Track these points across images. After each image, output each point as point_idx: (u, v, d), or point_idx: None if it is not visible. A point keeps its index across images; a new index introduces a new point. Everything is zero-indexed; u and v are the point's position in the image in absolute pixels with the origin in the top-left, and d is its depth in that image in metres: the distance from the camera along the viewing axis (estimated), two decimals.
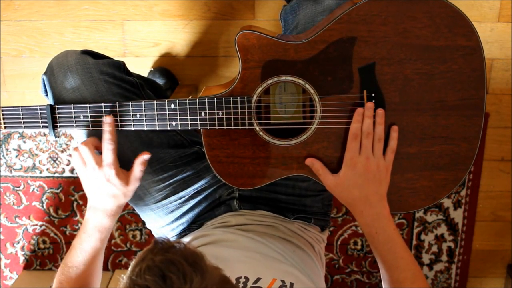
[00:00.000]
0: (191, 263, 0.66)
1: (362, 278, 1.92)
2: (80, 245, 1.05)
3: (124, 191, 1.04)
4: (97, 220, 1.05)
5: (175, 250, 0.68)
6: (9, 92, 1.77)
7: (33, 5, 1.68)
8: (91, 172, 1.03)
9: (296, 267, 1.06)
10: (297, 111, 1.09)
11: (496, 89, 1.74)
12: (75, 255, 1.05)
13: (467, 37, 0.99)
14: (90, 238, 1.05)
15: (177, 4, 1.67)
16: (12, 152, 1.80)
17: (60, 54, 1.11)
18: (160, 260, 0.66)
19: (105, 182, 1.03)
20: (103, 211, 1.05)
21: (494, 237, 1.88)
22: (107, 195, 1.04)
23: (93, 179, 1.03)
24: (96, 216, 1.05)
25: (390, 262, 1.02)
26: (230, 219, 1.17)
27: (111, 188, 1.03)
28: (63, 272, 1.05)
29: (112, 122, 1.02)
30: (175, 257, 0.66)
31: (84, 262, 1.05)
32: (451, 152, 1.04)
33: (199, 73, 1.74)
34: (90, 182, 1.04)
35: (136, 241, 1.87)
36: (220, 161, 1.07)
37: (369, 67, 1.00)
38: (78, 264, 1.04)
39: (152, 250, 0.68)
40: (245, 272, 0.97)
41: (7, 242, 1.89)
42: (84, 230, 1.06)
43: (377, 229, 1.01)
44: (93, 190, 1.04)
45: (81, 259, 1.05)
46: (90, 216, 1.06)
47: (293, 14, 1.21)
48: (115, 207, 1.05)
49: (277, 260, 1.06)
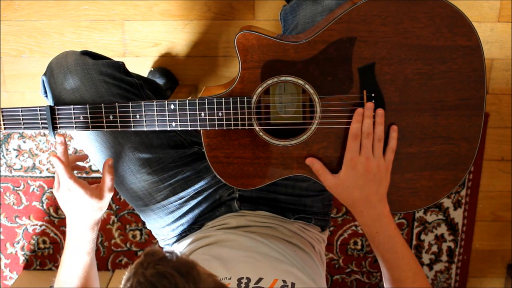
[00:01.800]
0: (183, 274, 0.65)
1: (362, 278, 1.92)
2: (69, 262, 1.06)
3: (100, 205, 1.05)
4: (79, 236, 1.05)
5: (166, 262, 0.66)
6: (9, 92, 1.77)
7: (33, 5, 1.68)
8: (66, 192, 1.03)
9: (297, 267, 1.06)
10: (297, 111, 1.09)
11: (496, 89, 1.74)
12: (66, 271, 1.06)
13: (467, 37, 0.99)
14: (76, 254, 1.05)
15: (177, 4, 1.67)
16: (12, 152, 1.81)
17: (60, 55, 1.11)
18: (151, 273, 0.65)
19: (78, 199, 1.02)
20: (83, 226, 1.05)
21: (494, 237, 1.88)
22: (83, 213, 1.04)
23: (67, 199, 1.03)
24: (77, 232, 1.05)
25: (391, 261, 1.02)
26: (230, 220, 1.17)
27: (85, 205, 1.03)
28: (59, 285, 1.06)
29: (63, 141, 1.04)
30: (167, 270, 0.65)
31: (77, 276, 1.05)
32: (451, 152, 1.04)
33: (199, 73, 1.74)
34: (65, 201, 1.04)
35: (136, 241, 1.87)
36: (220, 162, 1.07)
37: (369, 67, 1.00)
38: (71, 279, 1.05)
39: (143, 263, 0.66)
40: (247, 272, 0.98)
41: (7, 242, 1.89)
42: (69, 246, 1.06)
43: (378, 228, 1.01)
44: (69, 209, 1.05)
45: (73, 274, 1.05)
46: (71, 233, 1.06)
47: (293, 14, 1.21)
48: (93, 221, 1.05)
49: (278, 260, 1.06)
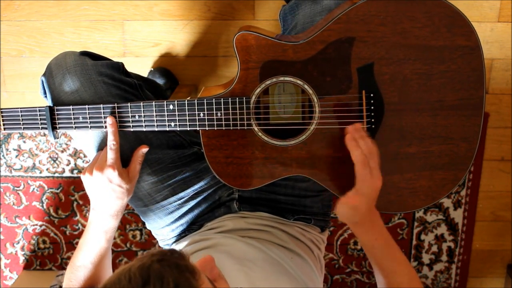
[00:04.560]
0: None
1: (362, 278, 1.92)
2: (86, 246, 1.07)
3: (127, 188, 1.06)
4: (102, 222, 1.07)
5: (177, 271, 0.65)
6: (9, 92, 1.77)
7: (33, 5, 1.68)
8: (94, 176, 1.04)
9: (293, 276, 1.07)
10: (296, 112, 1.09)
11: (496, 89, 1.74)
12: (83, 255, 1.07)
13: (466, 37, 0.99)
14: (96, 239, 1.06)
15: (177, 4, 1.67)
16: (12, 152, 1.81)
17: (59, 55, 1.11)
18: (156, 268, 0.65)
19: (108, 184, 1.04)
20: (107, 213, 1.06)
21: (494, 237, 1.88)
22: (111, 197, 1.05)
23: (96, 183, 1.05)
24: (101, 218, 1.07)
25: (389, 267, 1.02)
26: (229, 222, 1.16)
27: (114, 189, 1.04)
28: (72, 271, 1.07)
29: (114, 123, 1.04)
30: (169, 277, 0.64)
31: (92, 262, 1.06)
32: (450, 152, 1.04)
33: (199, 73, 1.74)
34: (93, 186, 1.05)
35: (136, 241, 1.87)
36: (219, 162, 1.07)
37: (367, 67, 1.00)
38: (86, 263, 1.06)
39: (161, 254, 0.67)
40: (241, 282, 0.98)
41: (7, 242, 1.89)
42: (89, 231, 1.07)
43: (376, 235, 1.02)
44: (96, 194, 1.06)
45: (89, 259, 1.06)
46: (94, 218, 1.07)
47: (292, 14, 1.21)
48: (119, 207, 1.07)
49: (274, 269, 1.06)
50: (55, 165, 1.81)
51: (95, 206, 1.07)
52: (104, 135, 1.10)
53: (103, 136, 1.10)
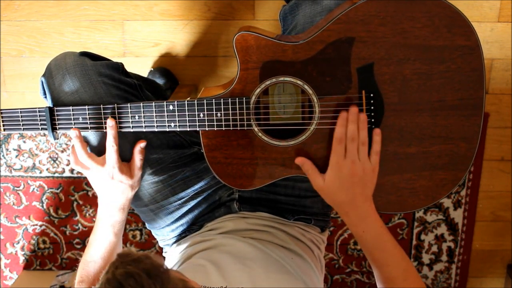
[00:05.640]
0: (151, 275, 0.68)
1: (362, 278, 1.92)
2: (96, 241, 1.10)
3: (130, 183, 1.09)
4: (109, 216, 1.10)
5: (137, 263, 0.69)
6: (9, 92, 1.77)
7: (33, 5, 1.68)
8: (96, 173, 1.07)
9: (293, 275, 1.07)
10: (296, 112, 1.09)
11: (496, 89, 1.74)
12: (92, 250, 1.10)
13: (466, 36, 0.99)
14: (104, 233, 1.10)
15: (177, 4, 1.67)
16: (12, 152, 1.81)
17: (58, 56, 1.11)
18: (120, 273, 0.68)
19: (110, 180, 1.07)
20: (113, 206, 1.09)
21: (494, 237, 1.88)
22: (115, 192, 1.08)
23: (99, 178, 1.08)
24: (108, 212, 1.10)
25: (380, 260, 1.02)
26: (229, 223, 1.17)
27: (117, 184, 1.07)
28: (83, 267, 1.10)
29: (114, 125, 1.05)
30: (135, 270, 0.68)
31: (101, 256, 1.09)
32: (450, 152, 1.04)
33: (199, 73, 1.74)
34: (97, 181, 1.09)
35: (136, 241, 1.87)
36: (219, 162, 1.07)
37: (367, 68, 1.00)
38: (96, 258, 1.09)
39: (115, 263, 0.70)
40: (243, 282, 0.98)
41: (7, 242, 1.89)
42: (98, 226, 1.11)
43: (364, 228, 1.01)
44: (101, 188, 1.09)
45: (98, 253, 1.09)
46: (102, 212, 1.11)
47: (292, 14, 1.21)
48: (124, 201, 1.10)
49: (275, 269, 1.06)
50: (55, 165, 1.81)
51: (101, 200, 1.11)
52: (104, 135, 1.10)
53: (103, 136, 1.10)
